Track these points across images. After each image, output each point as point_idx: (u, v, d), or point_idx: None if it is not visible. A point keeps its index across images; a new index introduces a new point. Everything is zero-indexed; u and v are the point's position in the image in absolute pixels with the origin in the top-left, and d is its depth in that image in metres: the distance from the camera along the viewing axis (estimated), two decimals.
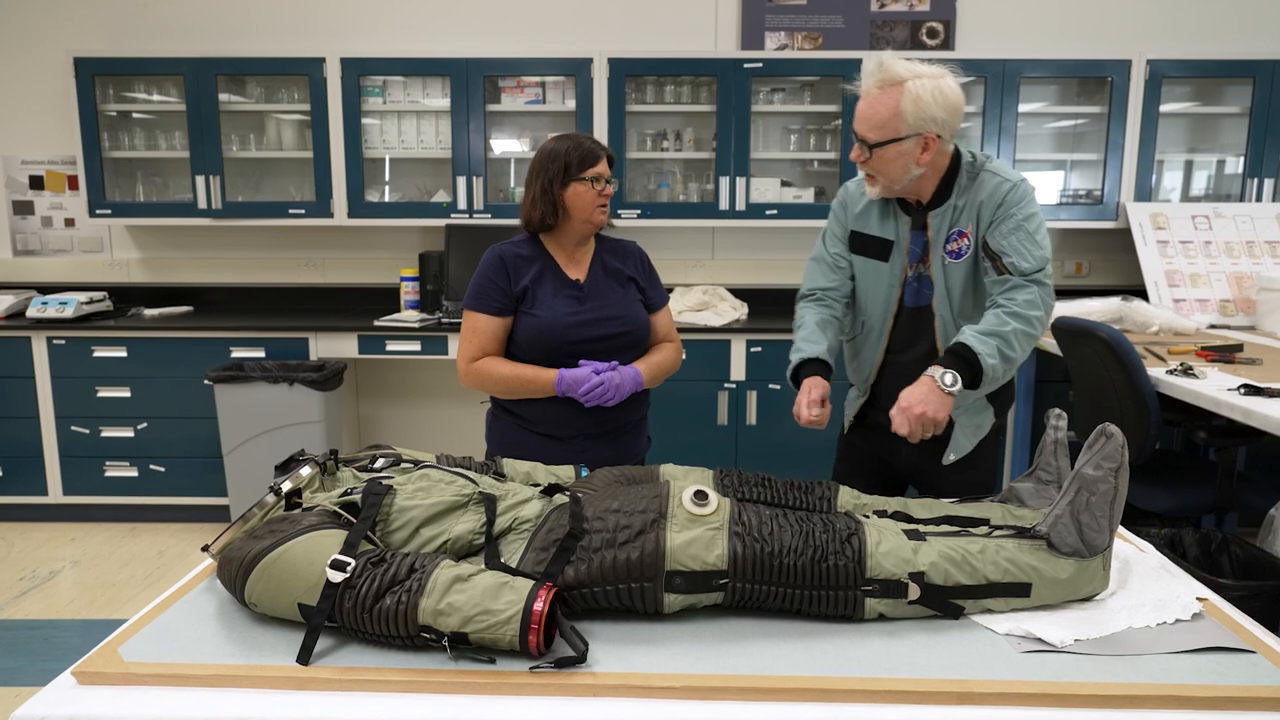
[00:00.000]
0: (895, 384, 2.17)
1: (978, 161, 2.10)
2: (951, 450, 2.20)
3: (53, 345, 4.17)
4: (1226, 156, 4.48)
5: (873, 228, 2.18)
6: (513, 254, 2.23)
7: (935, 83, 1.96)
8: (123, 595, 3.59)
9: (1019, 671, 1.26)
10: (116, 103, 4.40)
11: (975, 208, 2.06)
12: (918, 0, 4.42)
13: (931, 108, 1.95)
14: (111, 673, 1.25)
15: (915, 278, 2.14)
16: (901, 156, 1.99)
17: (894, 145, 1.97)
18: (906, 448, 2.19)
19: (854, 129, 2.03)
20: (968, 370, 1.92)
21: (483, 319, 2.19)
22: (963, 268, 2.09)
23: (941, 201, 2.08)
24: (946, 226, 2.08)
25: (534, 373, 2.15)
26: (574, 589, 1.37)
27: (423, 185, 4.50)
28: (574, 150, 2.16)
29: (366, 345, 4.17)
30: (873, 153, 1.99)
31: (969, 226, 2.07)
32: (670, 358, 2.33)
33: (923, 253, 2.12)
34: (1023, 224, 2.01)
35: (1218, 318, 3.95)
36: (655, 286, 2.36)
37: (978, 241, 2.07)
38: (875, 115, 1.97)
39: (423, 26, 4.51)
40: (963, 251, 2.08)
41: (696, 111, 4.35)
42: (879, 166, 2.01)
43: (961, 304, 2.12)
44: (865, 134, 1.99)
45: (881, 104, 1.96)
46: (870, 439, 2.33)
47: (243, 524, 1.45)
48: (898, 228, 2.14)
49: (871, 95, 1.98)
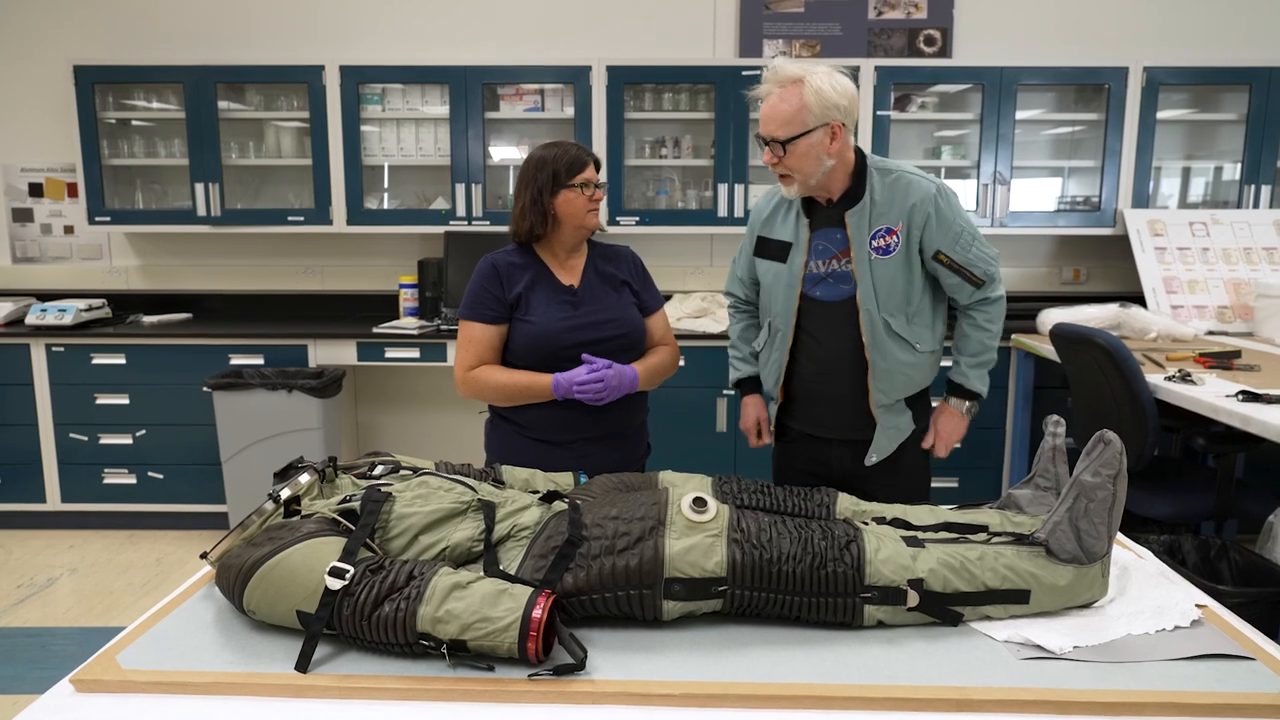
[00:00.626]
0: (813, 386, 2.29)
1: (878, 159, 2.19)
2: (874, 452, 2.26)
3: (51, 352, 4.16)
4: (1224, 163, 4.49)
5: (774, 232, 2.27)
6: (505, 262, 2.23)
7: (829, 75, 2.06)
8: (121, 603, 3.58)
9: (1018, 679, 1.26)
10: (116, 110, 4.40)
11: (905, 210, 2.13)
12: (915, 8, 4.43)
13: (832, 96, 2.04)
14: (109, 680, 1.25)
15: (829, 273, 2.19)
16: (813, 149, 2.06)
17: (804, 139, 2.05)
18: (836, 454, 2.30)
19: (760, 134, 2.10)
20: (973, 396, 2.32)
21: (478, 328, 2.20)
22: (893, 264, 2.15)
23: (856, 198, 2.15)
24: (868, 224, 2.14)
25: (530, 379, 2.16)
26: (573, 596, 1.37)
27: (421, 192, 4.51)
28: (562, 157, 2.18)
29: (365, 352, 4.17)
30: (786, 149, 2.06)
31: (898, 224, 2.13)
32: (667, 360, 2.34)
33: (838, 250, 2.17)
34: (966, 231, 2.16)
35: (1215, 324, 3.96)
36: (649, 290, 2.37)
37: (910, 241, 2.14)
38: (781, 113, 2.05)
39: (422, 34, 4.52)
40: (891, 248, 2.14)
41: (695, 119, 4.36)
42: (794, 163, 2.08)
43: (888, 299, 2.17)
44: (775, 132, 2.06)
45: (786, 101, 2.05)
46: (796, 450, 2.38)
47: (241, 531, 1.45)
48: (797, 229, 2.22)
49: (773, 96, 2.07)
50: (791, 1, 4.44)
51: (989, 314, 2.26)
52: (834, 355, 2.22)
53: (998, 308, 2.26)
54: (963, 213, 2.17)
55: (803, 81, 2.04)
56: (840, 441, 2.29)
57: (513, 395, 2.18)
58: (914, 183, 2.14)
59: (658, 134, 4.41)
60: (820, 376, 2.26)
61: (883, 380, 2.20)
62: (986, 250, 2.20)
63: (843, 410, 2.26)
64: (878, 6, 4.44)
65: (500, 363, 2.22)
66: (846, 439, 2.29)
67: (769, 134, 2.08)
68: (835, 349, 2.22)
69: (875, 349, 2.18)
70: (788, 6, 4.44)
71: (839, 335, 2.21)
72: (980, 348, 2.28)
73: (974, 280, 2.19)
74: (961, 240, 2.16)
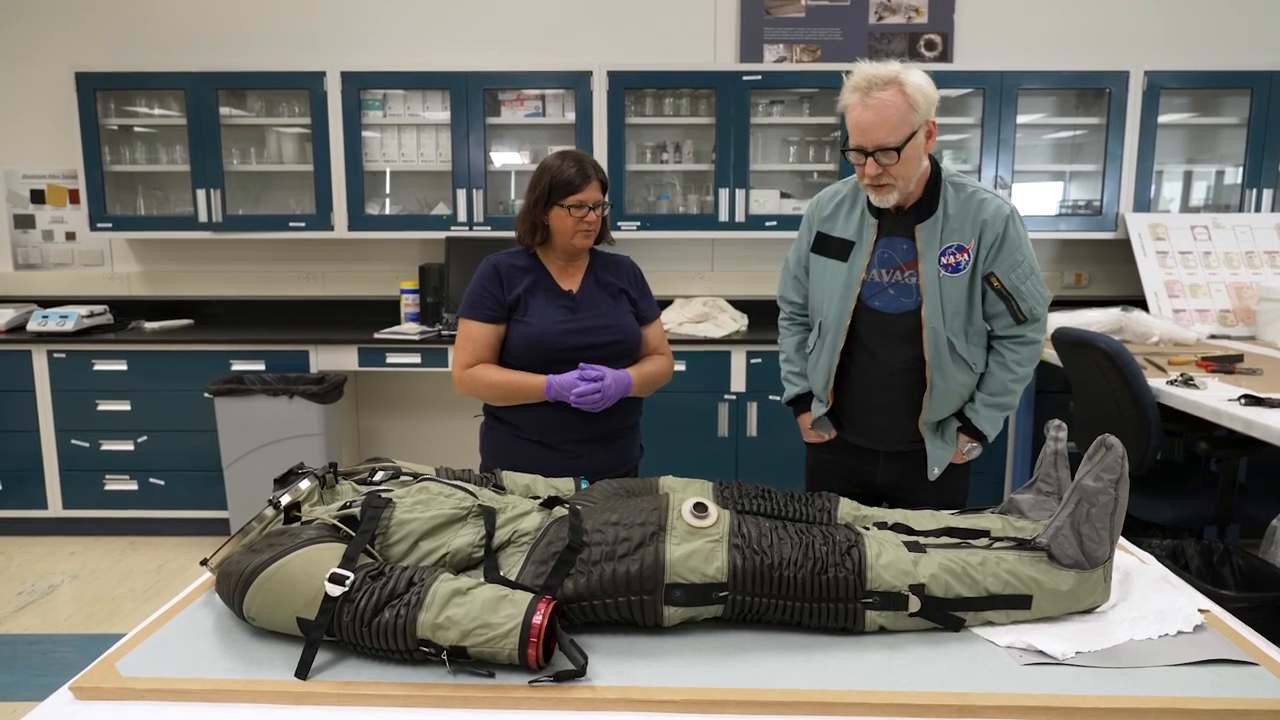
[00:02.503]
0: (862, 397, 2.21)
1: (952, 171, 2.12)
2: (934, 464, 2.21)
3: (53, 359, 4.17)
4: (1225, 167, 4.49)
5: (836, 229, 2.19)
6: (507, 264, 2.26)
7: (914, 70, 1.97)
8: (121, 610, 3.58)
9: (1020, 684, 1.26)
10: (118, 116, 4.41)
11: (977, 226, 2.06)
12: (916, 12, 4.44)
13: (930, 91, 1.97)
14: (109, 688, 1.25)
15: (890, 284, 2.12)
16: (917, 150, 1.99)
17: (912, 141, 1.96)
18: (884, 466, 2.23)
19: (862, 142, 1.96)
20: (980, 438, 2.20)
21: (476, 327, 2.23)
22: (961, 283, 2.08)
23: (929, 210, 2.07)
24: (939, 238, 2.07)
25: (524, 379, 2.18)
26: (573, 602, 1.37)
27: (423, 198, 4.51)
28: (559, 173, 2.18)
29: (366, 358, 4.17)
30: (900, 155, 1.94)
31: (970, 242, 2.06)
32: (662, 369, 2.35)
33: (903, 260, 2.10)
34: (1027, 261, 2.09)
35: (1218, 328, 3.95)
36: (647, 299, 2.38)
37: (977, 260, 2.07)
38: (890, 117, 1.93)
39: (422, 40, 4.52)
40: (961, 266, 2.07)
41: (696, 124, 4.36)
42: (901, 170, 1.98)
43: (953, 319, 2.10)
44: (886, 139, 1.93)
45: (892, 104, 1.92)
46: (841, 458, 2.32)
47: (241, 538, 1.45)
48: (862, 229, 2.13)
49: (874, 99, 1.93)
50: (792, 6, 4.45)
51: (1020, 355, 2.14)
52: (889, 370, 2.15)
53: (1032, 350, 2.15)
54: (1029, 242, 2.10)
55: (900, 80, 1.92)
56: (889, 454, 2.24)
57: (506, 394, 2.21)
58: (988, 200, 2.07)
59: (659, 139, 4.41)
60: (873, 390, 2.18)
61: (939, 400, 2.14)
62: (1041, 290, 2.11)
63: (894, 425, 2.20)
64: (878, 11, 4.44)
65: (498, 363, 2.25)
66: (895, 451, 2.23)
67: (878, 142, 1.94)
68: (891, 363, 2.15)
69: (937, 369, 2.10)
70: (788, 11, 4.45)
71: (896, 350, 2.14)
72: (1001, 388, 2.16)
73: (1018, 314, 2.09)
74: (1020, 270, 2.07)
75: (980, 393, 2.19)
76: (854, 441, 2.28)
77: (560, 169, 2.18)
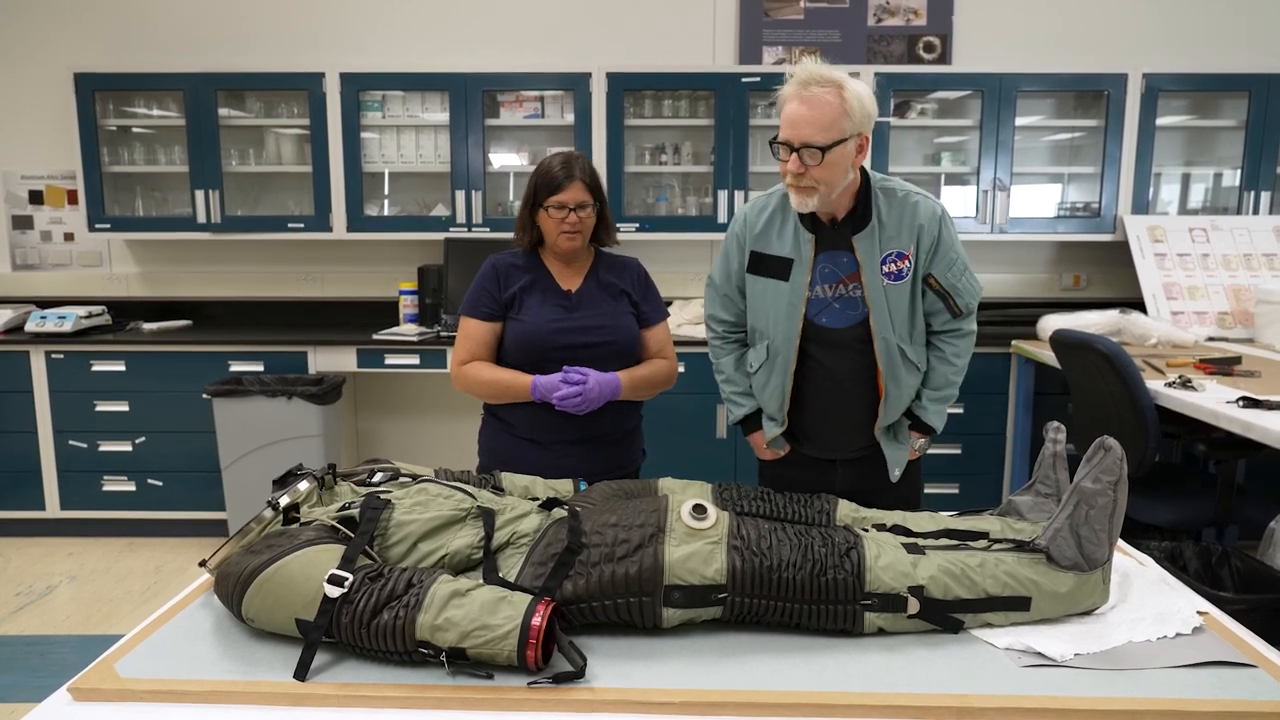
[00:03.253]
0: (817, 412, 2.19)
1: (879, 176, 2.09)
2: (894, 465, 2.21)
3: (51, 359, 4.16)
4: (1223, 169, 4.50)
5: (771, 247, 2.12)
6: (506, 263, 2.29)
7: (860, 84, 1.95)
8: (119, 611, 3.57)
9: (1019, 686, 1.26)
10: (116, 117, 4.41)
11: (914, 231, 2.05)
12: (915, 15, 4.44)
13: (870, 105, 1.94)
14: (107, 689, 1.24)
15: (836, 298, 2.09)
16: (845, 159, 1.94)
17: (840, 147, 1.91)
18: (841, 474, 2.22)
19: (790, 137, 1.92)
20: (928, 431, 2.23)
21: (473, 324, 2.25)
22: (904, 289, 2.07)
23: (864, 220, 2.04)
24: (878, 247, 2.04)
25: (512, 378, 2.20)
26: (572, 604, 1.37)
27: (422, 199, 4.51)
28: (545, 173, 2.18)
29: (365, 359, 4.17)
30: (824, 157, 1.90)
31: (909, 248, 2.05)
32: (660, 372, 2.32)
33: (845, 274, 2.07)
34: (960, 258, 2.11)
35: (1216, 330, 3.96)
36: (650, 301, 2.36)
37: (918, 265, 2.06)
38: (822, 116, 1.89)
39: (422, 41, 4.52)
40: (904, 273, 2.06)
41: (695, 125, 4.36)
42: (823, 174, 1.93)
43: (902, 326, 2.09)
44: (812, 137, 1.89)
45: (826, 105, 1.89)
46: (797, 471, 2.27)
47: (240, 539, 1.45)
48: (798, 244, 2.08)
49: (810, 98, 1.90)
50: (791, 8, 4.45)
51: (958, 347, 2.17)
52: (843, 383, 2.14)
53: (968, 342, 2.18)
54: (956, 236, 2.11)
55: (842, 85, 1.91)
56: (845, 461, 2.24)
57: (496, 393, 2.23)
58: (921, 203, 2.06)
59: (658, 140, 4.42)
60: (828, 403, 2.17)
61: (893, 405, 2.14)
62: (974, 283, 2.14)
63: (851, 435, 2.20)
64: (877, 13, 4.45)
65: (495, 359, 2.26)
66: (851, 458, 2.23)
67: (804, 139, 1.90)
68: (843, 376, 2.14)
69: (891, 377, 2.10)
70: (787, 13, 4.45)
71: (847, 363, 2.12)
72: (944, 381, 2.18)
73: (955, 309, 2.12)
74: (955, 267, 2.09)
75: (926, 389, 2.19)
76: (810, 454, 2.26)
77: (547, 169, 2.18)
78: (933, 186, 4.52)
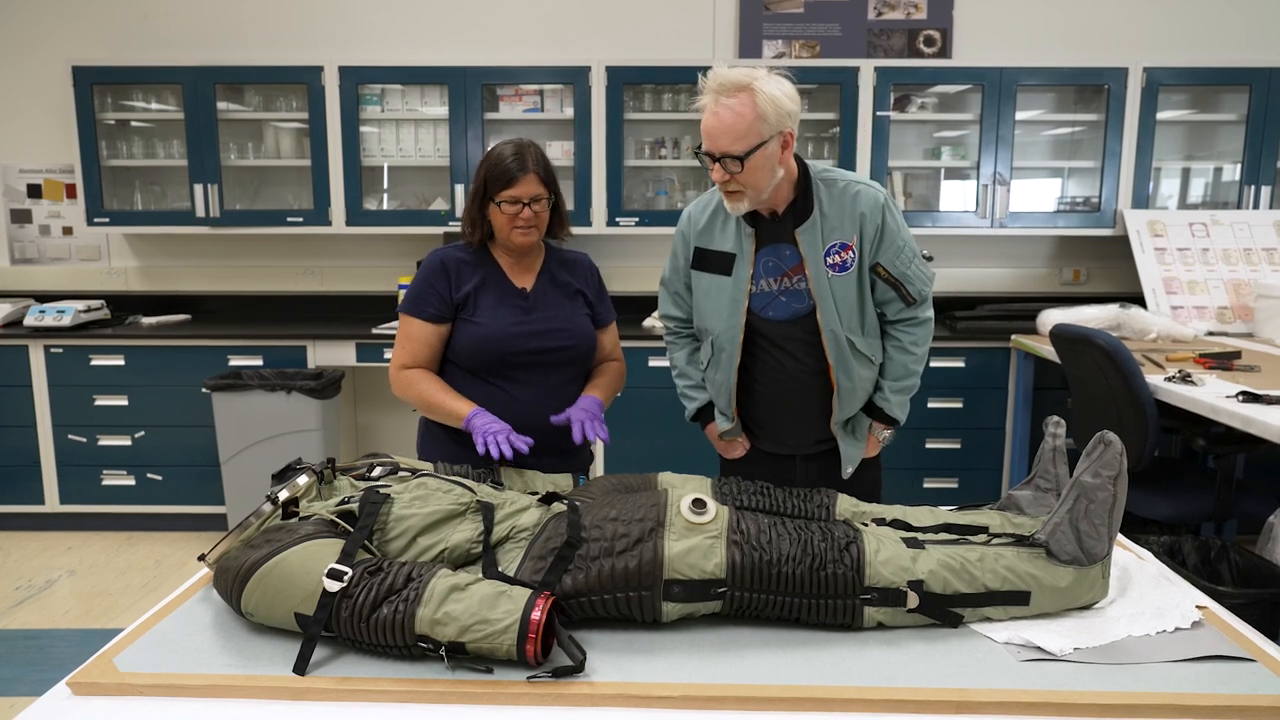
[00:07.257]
0: (770, 406, 2.18)
1: (819, 167, 2.08)
2: (848, 463, 2.20)
3: (50, 354, 4.16)
4: (1224, 164, 4.49)
5: (714, 242, 2.11)
6: (455, 259, 2.12)
7: (776, 80, 1.92)
8: (119, 605, 3.57)
9: (1018, 680, 1.26)
10: (115, 111, 4.40)
11: (856, 221, 2.03)
12: (915, 8, 4.43)
13: (785, 102, 1.91)
14: (107, 683, 1.24)
15: (781, 291, 2.08)
16: (768, 160, 1.93)
17: (760, 151, 1.90)
18: (801, 470, 2.22)
19: (708, 150, 1.93)
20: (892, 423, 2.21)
21: (417, 325, 2.09)
22: (850, 280, 2.05)
23: (805, 213, 2.03)
24: (821, 239, 2.03)
25: (453, 405, 2.02)
26: (572, 598, 1.37)
27: (421, 193, 4.51)
28: (493, 166, 2.03)
29: (364, 353, 4.16)
30: (744, 164, 1.90)
31: (852, 238, 2.03)
32: (619, 377, 2.26)
33: (789, 267, 2.06)
34: (909, 245, 2.08)
35: (1215, 325, 3.96)
36: (604, 302, 2.27)
37: (863, 255, 2.05)
38: (736, 125, 1.88)
39: (421, 35, 4.52)
40: (848, 264, 2.04)
41: (694, 119, 4.33)
42: (748, 179, 1.92)
43: (849, 317, 2.07)
44: (729, 148, 1.89)
45: (737, 113, 1.88)
46: (756, 468, 2.25)
47: (239, 533, 1.45)
48: (739, 239, 2.07)
49: (722, 107, 1.89)
50: (791, 2, 4.44)
51: (915, 335, 2.14)
52: (794, 376, 2.13)
53: (925, 330, 2.15)
54: (905, 224, 2.09)
55: (751, 88, 1.87)
56: (805, 458, 2.23)
57: (432, 411, 2.08)
58: (862, 192, 2.03)
59: (657, 134, 4.41)
60: (780, 397, 2.16)
61: (847, 399, 2.13)
62: (925, 269, 2.11)
63: (806, 429, 2.19)
64: (877, 7, 4.44)
65: (440, 362, 2.14)
66: (810, 454, 2.22)
67: (721, 149, 1.90)
68: (794, 369, 2.12)
69: (841, 370, 2.09)
70: (787, 7, 4.44)
71: (797, 356, 2.11)
72: (904, 371, 2.15)
73: (908, 297, 2.09)
74: (903, 254, 2.06)
75: (885, 380, 2.17)
76: (769, 449, 2.25)
77: (497, 160, 2.03)
78: (932, 181, 4.52)
